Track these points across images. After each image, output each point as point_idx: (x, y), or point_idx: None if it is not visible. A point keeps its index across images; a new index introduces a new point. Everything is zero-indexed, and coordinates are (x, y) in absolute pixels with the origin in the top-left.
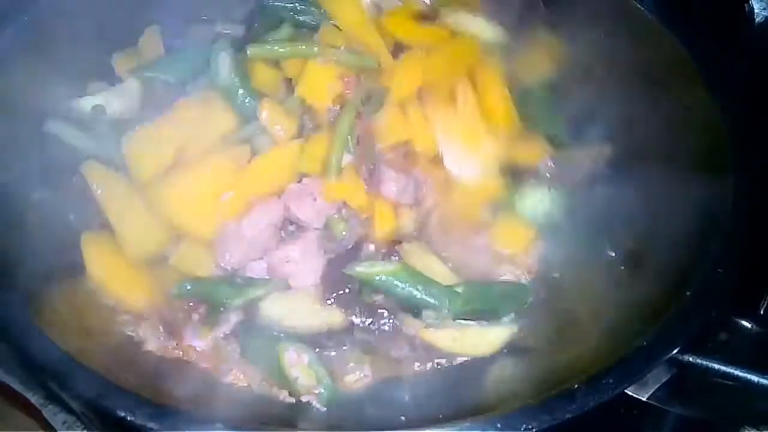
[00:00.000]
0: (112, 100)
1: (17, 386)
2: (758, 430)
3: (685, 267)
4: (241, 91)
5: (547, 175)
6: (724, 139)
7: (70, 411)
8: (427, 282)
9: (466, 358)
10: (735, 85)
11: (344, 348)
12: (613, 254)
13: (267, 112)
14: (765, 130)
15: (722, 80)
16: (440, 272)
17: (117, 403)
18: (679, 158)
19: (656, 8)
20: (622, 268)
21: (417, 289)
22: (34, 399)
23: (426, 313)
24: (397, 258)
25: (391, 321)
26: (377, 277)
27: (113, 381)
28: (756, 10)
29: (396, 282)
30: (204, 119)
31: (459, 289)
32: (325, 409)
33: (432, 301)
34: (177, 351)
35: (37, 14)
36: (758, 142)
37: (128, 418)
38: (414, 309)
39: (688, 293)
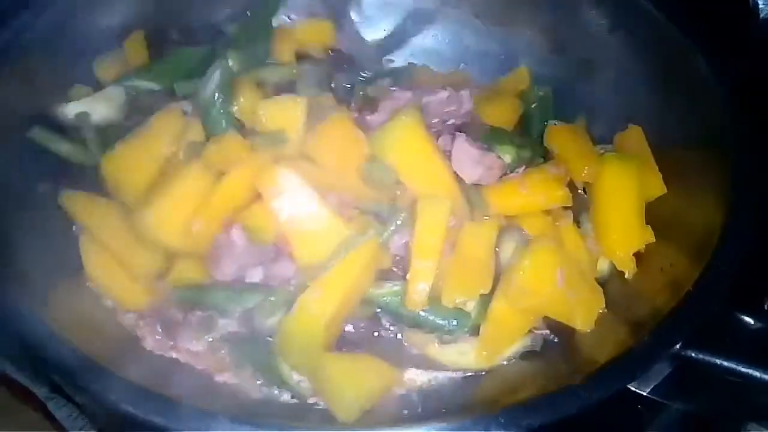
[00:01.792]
0: (97, 107)
1: (23, 380)
2: (763, 427)
3: (687, 262)
4: (218, 113)
5: None
6: (728, 134)
7: (74, 405)
8: (435, 304)
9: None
10: (740, 79)
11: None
12: None
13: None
14: None
15: (727, 74)
16: None
17: (122, 397)
18: (681, 153)
19: (661, 3)
20: None
21: (425, 310)
22: (40, 392)
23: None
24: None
25: (392, 331)
26: (383, 299)
27: (118, 375)
28: (761, 5)
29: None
30: (185, 130)
31: (473, 302)
32: None
33: (440, 322)
34: (173, 351)
35: (25, 18)
36: (761, 137)
37: (133, 412)
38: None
39: (690, 288)
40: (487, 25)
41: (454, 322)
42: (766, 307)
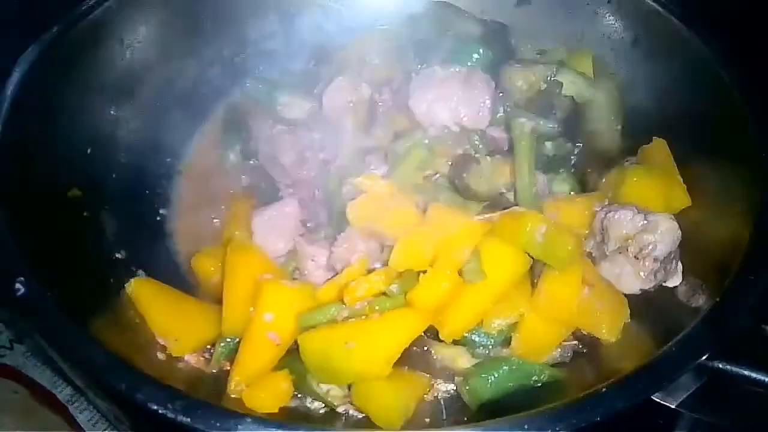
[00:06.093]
0: None
1: (45, 382)
2: None
3: (716, 273)
4: None
5: None
6: (755, 146)
7: (96, 408)
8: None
9: None
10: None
11: None
12: None
13: None
14: None
15: (754, 87)
16: None
17: (150, 396)
18: (707, 165)
19: (686, 16)
20: None
21: None
22: (62, 395)
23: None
24: None
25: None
26: None
27: (145, 374)
28: None
29: None
30: None
31: None
32: (363, 415)
33: (476, 339)
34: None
35: None
36: None
37: (160, 411)
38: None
39: (716, 300)
40: None
41: (491, 339)
42: None
